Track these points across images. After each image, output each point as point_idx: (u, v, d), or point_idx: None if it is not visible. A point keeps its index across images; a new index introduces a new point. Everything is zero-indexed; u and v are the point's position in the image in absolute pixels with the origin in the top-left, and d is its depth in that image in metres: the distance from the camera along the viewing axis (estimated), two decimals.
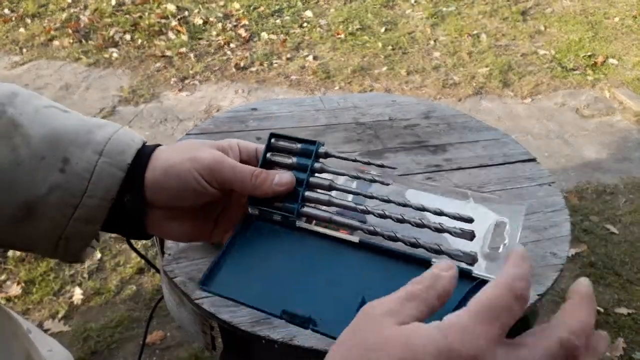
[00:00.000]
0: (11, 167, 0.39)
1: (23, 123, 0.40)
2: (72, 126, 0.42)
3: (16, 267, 1.75)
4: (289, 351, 0.73)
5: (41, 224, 0.41)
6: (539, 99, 2.83)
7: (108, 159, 0.41)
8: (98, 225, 0.42)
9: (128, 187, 0.42)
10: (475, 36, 3.33)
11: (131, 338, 1.55)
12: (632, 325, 1.66)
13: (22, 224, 0.40)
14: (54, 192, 0.40)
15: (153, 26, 3.30)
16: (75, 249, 0.43)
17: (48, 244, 0.42)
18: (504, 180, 1.04)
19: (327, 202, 0.45)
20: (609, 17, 3.58)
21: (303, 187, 0.45)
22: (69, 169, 0.40)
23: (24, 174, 0.40)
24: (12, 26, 3.30)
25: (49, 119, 0.42)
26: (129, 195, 0.42)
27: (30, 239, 0.42)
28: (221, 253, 0.44)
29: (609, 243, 1.95)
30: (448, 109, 1.29)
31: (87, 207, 0.41)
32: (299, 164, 0.46)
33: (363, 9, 3.60)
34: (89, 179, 0.41)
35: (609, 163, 2.39)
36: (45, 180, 0.40)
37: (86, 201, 0.41)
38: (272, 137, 0.47)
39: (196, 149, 0.43)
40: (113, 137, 0.43)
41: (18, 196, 0.40)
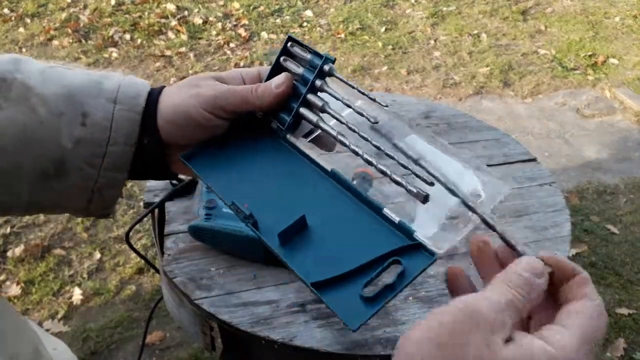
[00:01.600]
0: (35, 127, 0.41)
1: (35, 85, 0.42)
2: (82, 80, 0.44)
3: (15, 267, 1.75)
4: (288, 351, 0.72)
5: (73, 179, 0.43)
6: (540, 98, 2.83)
7: (123, 105, 0.43)
8: (126, 172, 0.45)
9: (145, 130, 0.44)
10: (475, 36, 3.33)
11: (131, 338, 1.55)
12: (632, 325, 1.65)
13: (55, 180, 0.43)
14: (79, 145, 0.42)
15: (153, 26, 3.30)
16: (109, 199, 0.45)
17: (82, 198, 0.44)
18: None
19: (315, 123, 0.46)
20: (609, 16, 3.58)
21: (299, 102, 0.46)
22: (89, 122, 0.42)
23: (48, 132, 0.41)
24: (11, 26, 3.29)
25: (57, 78, 0.44)
26: (147, 137, 0.44)
27: (64, 195, 0.44)
28: (213, 140, 0.47)
29: (609, 243, 1.94)
30: (448, 109, 1.29)
31: (114, 155, 0.43)
32: (304, 76, 0.46)
33: (363, 8, 3.60)
34: (109, 127, 0.43)
35: (609, 163, 2.39)
36: (70, 135, 0.42)
37: (111, 149, 0.43)
38: (289, 40, 0.47)
39: (198, 85, 0.45)
40: (122, 84, 0.45)
41: (47, 153, 0.42)
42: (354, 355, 0.71)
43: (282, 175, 0.46)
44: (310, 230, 0.41)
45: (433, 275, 0.82)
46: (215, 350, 0.85)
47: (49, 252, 1.81)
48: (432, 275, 0.82)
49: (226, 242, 0.82)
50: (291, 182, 0.45)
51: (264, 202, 0.43)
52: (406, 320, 0.75)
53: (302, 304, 0.76)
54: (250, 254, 0.82)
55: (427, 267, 0.38)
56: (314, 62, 0.45)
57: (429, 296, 0.79)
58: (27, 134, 0.41)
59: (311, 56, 0.46)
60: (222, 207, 0.83)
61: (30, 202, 0.43)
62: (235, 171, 0.46)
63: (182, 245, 0.86)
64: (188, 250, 0.85)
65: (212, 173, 0.45)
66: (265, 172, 0.46)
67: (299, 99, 0.46)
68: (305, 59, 0.46)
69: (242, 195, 0.43)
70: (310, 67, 0.46)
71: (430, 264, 0.38)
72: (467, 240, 0.90)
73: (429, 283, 0.81)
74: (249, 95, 0.44)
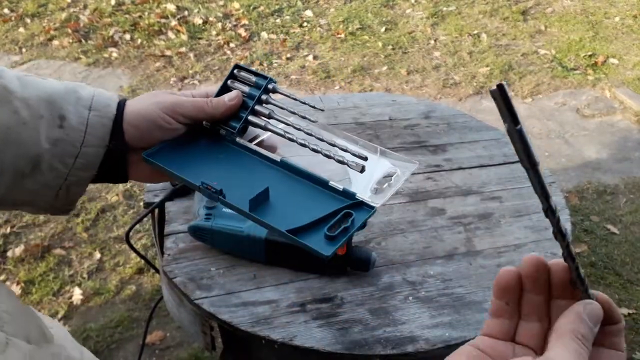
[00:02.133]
0: (17, 128, 0.45)
1: (15, 89, 0.46)
2: (59, 88, 0.49)
3: (15, 267, 1.75)
4: (289, 351, 0.73)
5: (44, 177, 0.47)
6: (540, 98, 2.83)
7: (97, 112, 0.49)
8: (94, 171, 0.50)
9: (112, 134, 0.50)
10: (475, 36, 3.33)
11: (131, 338, 1.55)
12: (632, 325, 1.66)
13: (27, 178, 0.47)
14: (56, 146, 0.46)
15: (153, 26, 3.30)
16: (74, 195, 0.51)
17: (49, 195, 0.49)
18: (504, 180, 1.04)
19: (264, 126, 0.56)
20: (609, 17, 3.58)
21: (248, 111, 0.56)
22: (67, 124, 0.47)
23: (29, 132, 0.45)
24: (11, 26, 3.29)
25: (36, 84, 0.48)
26: (113, 141, 0.50)
27: (33, 192, 0.48)
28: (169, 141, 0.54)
29: (609, 243, 1.94)
30: (448, 109, 1.29)
31: (86, 156, 0.48)
32: (251, 93, 0.56)
33: (363, 8, 3.60)
34: (84, 131, 0.48)
35: (609, 163, 2.39)
36: (48, 136, 0.46)
37: (84, 150, 0.48)
38: (236, 67, 0.58)
39: (158, 95, 0.52)
40: (96, 93, 0.50)
41: (26, 152, 0.46)
42: (354, 355, 0.71)
43: (236, 168, 0.55)
44: (271, 201, 0.51)
45: (433, 275, 0.83)
46: (216, 350, 0.85)
47: (49, 252, 1.81)
48: (432, 275, 0.83)
49: (226, 242, 0.82)
50: (245, 171, 0.54)
51: (226, 184, 0.50)
52: (406, 320, 0.75)
53: (302, 304, 0.76)
54: (250, 254, 0.82)
55: (370, 216, 0.50)
56: (260, 83, 0.56)
57: (428, 296, 0.79)
58: (8, 134, 0.45)
59: (256, 78, 0.57)
60: (222, 207, 0.83)
61: (1, 200, 0.47)
62: (195, 164, 0.54)
63: (182, 245, 0.86)
64: (188, 250, 0.85)
65: (174, 164, 0.52)
66: (221, 165, 0.54)
67: (247, 110, 0.56)
68: (251, 81, 0.57)
69: (206, 179, 0.51)
70: (256, 87, 0.56)
71: (371, 214, 0.50)
72: (467, 241, 0.90)
73: (428, 283, 0.81)
74: (205, 106, 0.53)
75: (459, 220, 0.94)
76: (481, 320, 0.75)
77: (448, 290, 0.80)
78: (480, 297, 0.79)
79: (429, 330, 0.74)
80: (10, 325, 0.39)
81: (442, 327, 0.74)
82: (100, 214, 1.96)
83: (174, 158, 0.53)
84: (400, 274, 0.83)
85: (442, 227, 0.92)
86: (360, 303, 0.78)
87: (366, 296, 0.79)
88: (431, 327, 0.74)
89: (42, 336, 0.44)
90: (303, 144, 0.53)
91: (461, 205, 0.97)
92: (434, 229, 0.91)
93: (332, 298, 0.78)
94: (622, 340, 0.35)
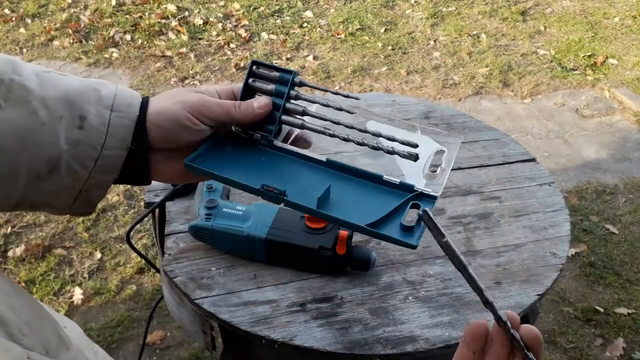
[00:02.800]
0: (35, 128, 0.43)
1: (34, 88, 0.44)
2: (79, 86, 0.46)
3: (16, 267, 1.75)
4: (289, 351, 0.73)
5: (63, 179, 0.45)
6: (539, 99, 2.83)
7: (119, 112, 0.46)
8: (115, 174, 0.47)
9: (135, 136, 0.47)
10: (475, 36, 3.33)
11: (131, 338, 1.55)
12: (632, 325, 1.66)
13: (46, 180, 0.45)
14: (76, 148, 0.44)
15: (153, 26, 3.30)
16: (94, 198, 0.48)
17: (68, 197, 0.47)
18: (503, 180, 1.04)
19: (301, 125, 0.52)
20: (608, 17, 3.58)
21: (280, 111, 0.52)
22: (87, 125, 0.45)
23: (48, 133, 0.43)
24: (12, 26, 3.30)
25: (55, 82, 0.45)
26: (136, 142, 0.47)
27: (52, 194, 0.46)
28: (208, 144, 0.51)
29: (608, 243, 1.95)
30: (448, 109, 1.29)
31: (107, 158, 0.46)
32: (277, 90, 0.52)
33: (363, 9, 3.60)
34: (105, 132, 0.45)
35: (608, 163, 2.39)
36: (67, 137, 0.44)
37: (105, 153, 0.46)
38: (254, 64, 0.54)
39: (183, 94, 0.49)
40: (117, 92, 0.48)
41: (44, 154, 0.43)
42: (354, 355, 0.71)
43: (282, 170, 0.52)
44: (333, 199, 0.49)
45: (432, 275, 0.83)
46: (216, 349, 0.85)
47: (50, 251, 1.81)
48: (432, 275, 0.83)
49: (226, 242, 0.82)
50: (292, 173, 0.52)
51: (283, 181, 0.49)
52: (406, 320, 0.75)
53: (302, 304, 0.77)
54: (250, 253, 0.82)
55: (434, 206, 0.50)
56: (284, 77, 0.52)
57: (428, 296, 0.80)
58: (26, 135, 0.43)
59: (280, 74, 0.53)
60: (223, 207, 0.83)
61: (19, 202, 0.45)
62: (241, 168, 0.51)
63: (183, 245, 0.86)
64: (188, 250, 0.85)
65: (221, 169, 0.50)
66: (266, 168, 0.52)
67: (278, 109, 0.52)
68: (273, 76, 0.53)
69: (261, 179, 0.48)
70: (281, 82, 0.52)
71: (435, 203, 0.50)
72: (466, 241, 0.91)
73: (428, 282, 0.82)
74: (232, 110, 0.50)
75: (459, 220, 0.94)
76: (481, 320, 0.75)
77: (448, 290, 0.80)
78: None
79: (428, 329, 0.74)
80: (29, 338, 0.39)
81: (441, 326, 0.75)
82: (101, 214, 1.96)
83: (217, 163, 0.50)
84: (400, 274, 0.83)
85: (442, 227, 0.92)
86: (360, 303, 0.78)
87: (366, 296, 0.79)
88: (431, 326, 0.75)
89: (60, 344, 0.44)
90: (346, 139, 0.50)
91: (461, 205, 0.97)
92: None
93: (332, 298, 0.78)
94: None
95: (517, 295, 0.79)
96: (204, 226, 0.82)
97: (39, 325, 0.42)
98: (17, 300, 0.41)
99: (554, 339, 1.61)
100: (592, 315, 1.68)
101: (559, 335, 1.62)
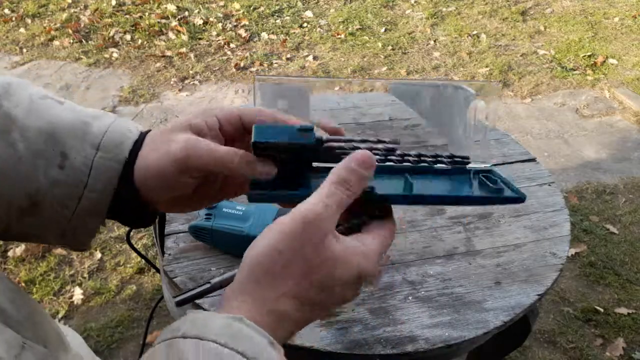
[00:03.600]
0: (12, 162, 0.40)
1: (18, 116, 0.40)
2: (68, 119, 0.42)
3: (16, 267, 1.75)
4: (289, 351, 0.73)
5: (46, 215, 0.41)
6: (539, 99, 2.83)
7: (105, 153, 0.41)
8: (101, 218, 0.43)
9: (123, 179, 0.42)
10: (475, 36, 3.33)
11: (131, 338, 1.55)
12: (632, 325, 1.66)
13: (29, 215, 0.41)
14: (55, 187, 0.40)
15: (153, 26, 3.30)
16: (83, 238, 0.44)
17: (55, 233, 0.43)
18: None
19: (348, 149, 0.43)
20: (608, 17, 3.58)
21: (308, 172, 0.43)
22: (68, 164, 0.40)
23: (26, 168, 0.40)
24: (12, 26, 3.30)
25: (45, 111, 0.41)
26: (125, 186, 0.42)
27: (37, 228, 0.42)
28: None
29: (608, 243, 1.95)
30: None
31: (89, 200, 0.41)
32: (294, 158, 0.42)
33: (363, 9, 3.60)
34: (88, 173, 0.41)
35: (608, 163, 2.39)
36: (46, 175, 0.40)
37: (87, 195, 0.41)
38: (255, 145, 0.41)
39: (170, 140, 0.41)
40: (109, 129, 0.42)
41: (22, 189, 0.40)
42: (354, 355, 0.71)
43: None
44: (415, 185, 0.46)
45: (432, 275, 0.83)
46: None
47: (50, 251, 1.81)
48: (432, 275, 0.83)
49: (226, 242, 0.83)
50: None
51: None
52: (406, 320, 0.75)
53: None
54: None
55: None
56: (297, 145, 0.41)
57: (428, 296, 0.80)
58: (4, 167, 0.40)
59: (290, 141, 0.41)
60: (223, 207, 0.83)
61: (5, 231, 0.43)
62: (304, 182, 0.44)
63: (183, 245, 0.86)
64: (188, 250, 0.85)
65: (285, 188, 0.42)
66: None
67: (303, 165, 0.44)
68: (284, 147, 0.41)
69: None
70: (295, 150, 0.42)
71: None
72: (466, 241, 0.91)
73: (428, 282, 0.82)
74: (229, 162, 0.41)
75: (459, 220, 0.94)
76: (481, 319, 0.75)
77: (447, 289, 0.80)
78: (479, 297, 0.79)
79: (428, 329, 0.74)
80: (27, 331, 0.39)
81: (441, 326, 0.75)
82: None
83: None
84: (400, 274, 0.83)
85: (442, 227, 0.92)
86: (360, 303, 0.78)
87: (366, 296, 0.79)
88: (431, 326, 0.75)
89: (59, 344, 0.44)
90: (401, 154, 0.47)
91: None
92: (433, 228, 0.92)
93: None
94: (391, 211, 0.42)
95: (517, 295, 0.79)
96: (203, 226, 0.82)
97: (39, 322, 0.41)
98: (18, 296, 0.41)
99: (554, 339, 1.61)
100: (592, 315, 1.68)
101: (559, 335, 1.62)
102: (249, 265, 0.36)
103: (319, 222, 0.35)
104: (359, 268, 0.36)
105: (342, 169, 0.37)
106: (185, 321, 0.33)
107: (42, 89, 0.44)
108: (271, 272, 0.35)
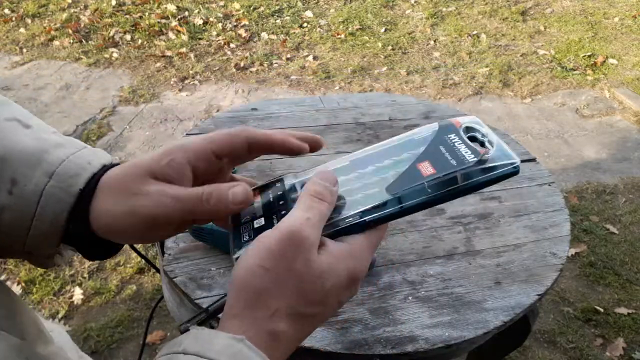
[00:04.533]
0: None
1: None
2: (27, 145, 0.39)
3: (16, 267, 1.75)
4: None
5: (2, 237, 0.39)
6: (539, 99, 2.83)
7: (57, 182, 0.38)
8: (54, 247, 0.40)
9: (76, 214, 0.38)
10: (475, 36, 3.34)
11: (131, 338, 1.55)
12: (632, 325, 1.66)
13: None
14: (4, 212, 0.38)
15: (153, 26, 3.30)
16: (42, 259, 0.42)
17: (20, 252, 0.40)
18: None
19: None
20: (608, 17, 3.58)
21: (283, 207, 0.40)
22: (17, 191, 0.38)
23: None
24: (12, 26, 3.30)
25: (4, 135, 0.39)
26: (72, 224, 0.39)
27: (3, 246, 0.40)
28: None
29: (608, 243, 1.95)
30: (448, 109, 1.29)
31: (39, 230, 0.39)
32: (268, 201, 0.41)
33: (363, 9, 3.61)
34: (37, 202, 0.38)
35: (608, 163, 2.39)
36: None
37: (37, 224, 0.38)
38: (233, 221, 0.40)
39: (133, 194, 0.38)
40: (70, 158, 0.39)
41: None
42: (354, 355, 0.71)
43: None
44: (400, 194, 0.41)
45: (432, 275, 0.83)
46: None
47: None
48: (432, 275, 0.83)
49: (226, 242, 0.82)
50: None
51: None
52: (406, 320, 0.75)
53: None
54: None
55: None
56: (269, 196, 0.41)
57: (428, 296, 0.80)
58: None
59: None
60: None
61: None
62: None
63: (183, 245, 0.86)
64: (188, 250, 0.85)
65: None
66: None
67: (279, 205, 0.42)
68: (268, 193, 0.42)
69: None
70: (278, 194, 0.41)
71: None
72: (466, 241, 0.91)
73: (428, 283, 0.82)
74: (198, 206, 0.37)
75: (459, 220, 0.94)
76: (481, 319, 0.75)
77: (448, 289, 0.81)
78: (479, 297, 0.79)
79: (428, 329, 0.74)
80: (5, 321, 0.39)
81: (441, 326, 0.75)
82: None
83: None
84: (400, 274, 0.83)
85: (442, 227, 0.92)
86: (360, 303, 0.78)
87: (366, 296, 0.79)
88: (431, 326, 0.75)
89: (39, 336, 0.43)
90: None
91: (460, 205, 0.97)
92: (433, 228, 0.92)
93: None
94: None
95: (517, 295, 0.79)
96: (204, 226, 0.82)
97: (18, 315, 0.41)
98: None
99: (554, 339, 1.61)
100: (592, 315, 1.68)
101: (559, 335, 1.62)
102: (238, 286, 0.35)
103: (306, 235, 0.34)
104: (348, 271, 0.36)
105: (311, 184, 0.37)
106: (188, 336, 0.34)
107: (19, 108, 0.42)
108: (260, 291, 0.34)
